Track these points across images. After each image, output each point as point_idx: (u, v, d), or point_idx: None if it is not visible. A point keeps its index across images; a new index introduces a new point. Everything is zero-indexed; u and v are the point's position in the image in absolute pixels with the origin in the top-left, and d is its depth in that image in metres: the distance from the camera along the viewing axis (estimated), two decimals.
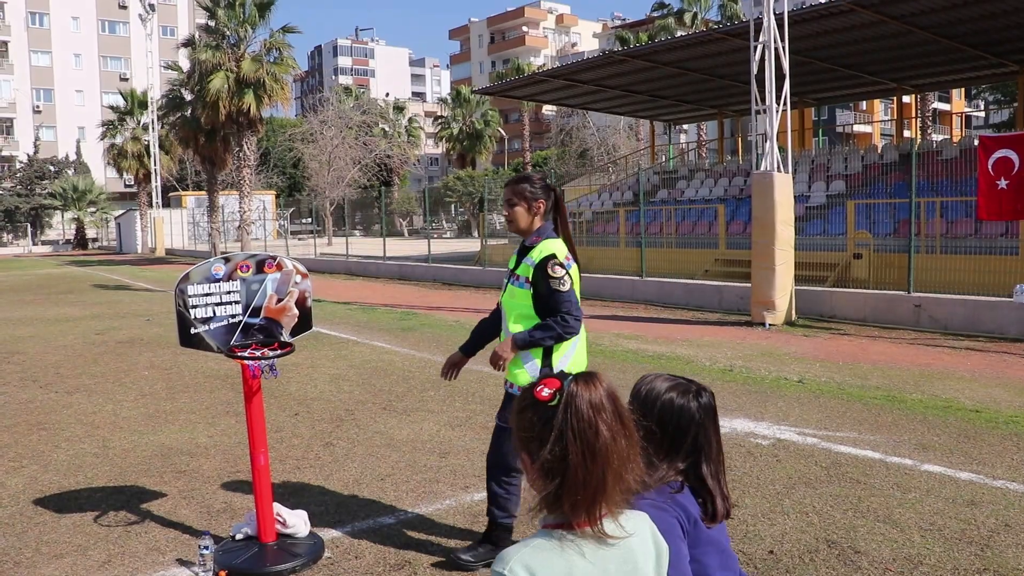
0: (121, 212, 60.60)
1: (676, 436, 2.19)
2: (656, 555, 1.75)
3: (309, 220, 54.29)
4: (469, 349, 4.48)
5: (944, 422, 6.96)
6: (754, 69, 13.69)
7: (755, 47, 13.68)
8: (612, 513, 1.63)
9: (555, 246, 4.11)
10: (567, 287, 4.01)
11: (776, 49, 13.57)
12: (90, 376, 9.94)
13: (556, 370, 4.08)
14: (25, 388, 9.31)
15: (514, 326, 4.11)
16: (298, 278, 4.52)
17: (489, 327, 4.49)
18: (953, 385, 8.50)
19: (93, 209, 65.12)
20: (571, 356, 4.14)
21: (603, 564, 1.63)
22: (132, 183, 57.64)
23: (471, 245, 36.74)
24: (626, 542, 1.65)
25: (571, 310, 4.00)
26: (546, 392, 1.62)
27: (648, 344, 11.69)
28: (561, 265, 4.02)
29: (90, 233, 66.58)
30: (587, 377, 1.64)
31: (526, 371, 4.08)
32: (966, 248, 15.19)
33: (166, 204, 55.06)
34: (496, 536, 4.30)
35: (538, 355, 4.07)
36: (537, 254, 4.07)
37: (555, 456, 1.58)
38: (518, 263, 4.19)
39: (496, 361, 4.08)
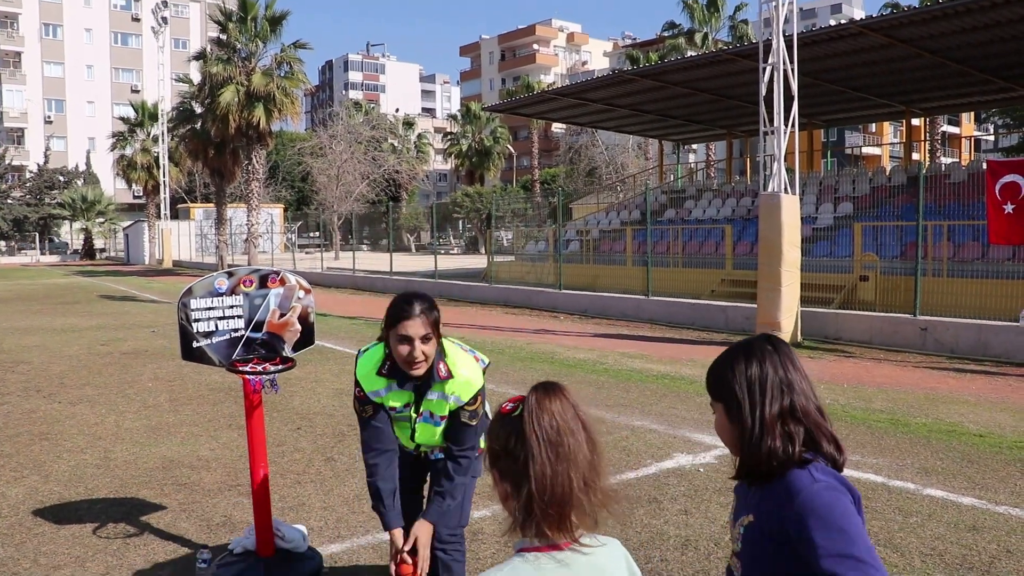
0: (129, 223, 60.94)
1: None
2: None
3: (317, 234, 54.45)
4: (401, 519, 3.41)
5: (948, 446, 6.93)
6: (763, 90, 13.71)
7: (764, 68, 13.71)
8: (586, 528, 1.65)
9: (475, 371, 3.46)
10: (477, 419, 3.44)
11: (785, 71, 13.59)
12: (94, 387, 9.96)
13: None
14: (29, 398, 9.34)
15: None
16: (301, 293, 4.52)
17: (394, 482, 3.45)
18: (958, 409, 8.46)
19: (101, 220, 65.40)
20: None
21: None
22: (141, 194, 58.03)
23: (478, 261, 36.74)
24: (600, 564, 1.66)
25: (476, 444, 3.43)
26: (509, 406, 1.70)
27: (653, 364, 11.66)
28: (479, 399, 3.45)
29: (98, 244, 66.83)
30: (548, 386, 1.71)
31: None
32: (973, 272, 15.15)
33: (174, 216, 55.34)
34: None
35: None
36: (463, 390, 3.38)
37: (522, 460, 1.62)
38: (420, 399, 3.41)
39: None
